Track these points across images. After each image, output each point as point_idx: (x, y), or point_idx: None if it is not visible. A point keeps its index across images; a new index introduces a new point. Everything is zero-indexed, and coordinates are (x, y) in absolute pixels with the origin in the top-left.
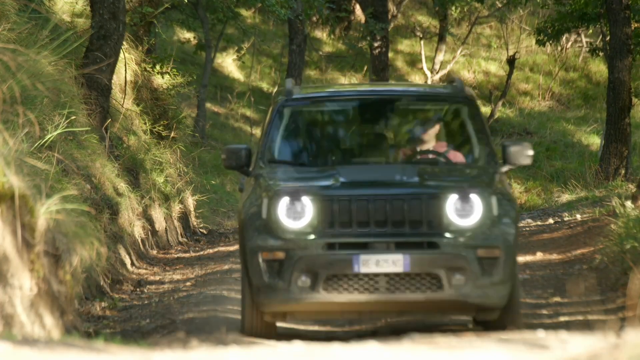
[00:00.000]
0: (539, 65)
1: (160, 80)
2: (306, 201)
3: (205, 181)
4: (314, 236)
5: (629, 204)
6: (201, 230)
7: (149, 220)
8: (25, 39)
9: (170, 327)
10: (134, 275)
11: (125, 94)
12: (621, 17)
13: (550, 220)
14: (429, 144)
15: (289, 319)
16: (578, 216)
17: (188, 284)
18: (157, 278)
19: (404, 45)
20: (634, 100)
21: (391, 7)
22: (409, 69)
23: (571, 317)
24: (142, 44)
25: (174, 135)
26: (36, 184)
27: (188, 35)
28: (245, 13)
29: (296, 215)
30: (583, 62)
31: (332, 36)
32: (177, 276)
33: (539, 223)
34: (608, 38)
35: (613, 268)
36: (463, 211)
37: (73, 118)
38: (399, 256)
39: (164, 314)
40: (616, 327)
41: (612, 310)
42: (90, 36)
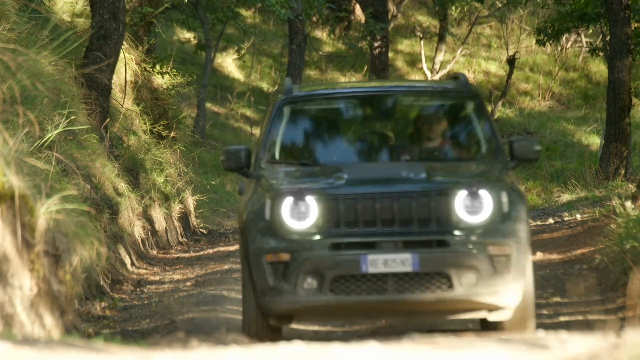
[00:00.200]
0: (539, 65)
1: (160, 80)
2: (310, 201)
3: (205, 181)
4: (319, 236)
5: (629, 204)
6: (201, 230)
7: (149, 220)
8: (25, 39)
9: (170, 327)
10: (134, 275)
11: (125, 94)
12: (621, 17)
13: (550, 220)
14: (433, 140)
15: (295, 322)
16: (578, 216)
17: (188, 284)
18: (157, 278)
19: (404, 45)
20: (634, 100)
21: (391, 7)
22: (409, 69)
23: (571, 317)
24: (142, 44)
25: (174, 135)
26: (36, 184)
27: (188, 35)
28: (245, 13)
29: (300, 216)
30: (583, 62)
31: (332, 36)
32: (177, 276)
33: (539, 223)
34: (608, 38)
35: (613, 268)
36: (472, 208)
37: (73, 118)
38: (407, 255)
39: (164, 314)
40: (616, 327)
41: (612, 310)
42: (90, 36)
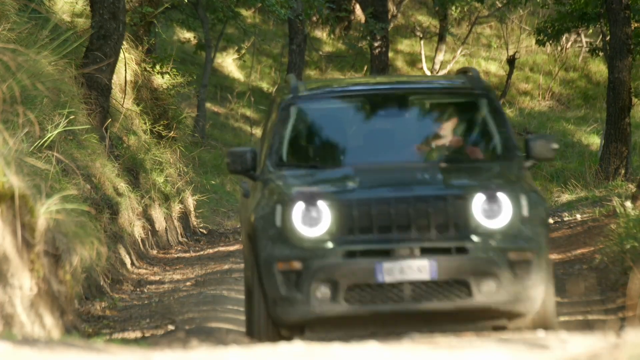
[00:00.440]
0: (539, 65)
1: (160, 80)
2: (322, 206)
3: (205, 181)
4: (332, 244)
5: (629, 204)
6: (201, 230)
7: (149, 220)
8: (25, 39)
9: (170, 327)
10: (134, 275)
11: (125, 94)
12: (621, 17)
13: (550, 220)
14: (447, 140)
15: (308, 333)
16: (578, 216)
17: (188, 284)
18: (157, 278)
19: (404, 45)
20: (634, 100)
21: (391, 7)
22: (409, 69)
23: (571, 317)
24: (142, 44)
25: (174, 135)
26: (36, 184)
27: (188, 35)
28: (245, 13)
29: (312, 222)
30: (583, 62)
31: (332, 36)
32: (177, 276)
33: None
34: (608, 38)
35: (613, 268)
36: (491, 212)
37: (73, 118)
38: (424, 262)
39: (164, 314)
40: (616, 327)
41: (612, 310)
42: (90, 36)
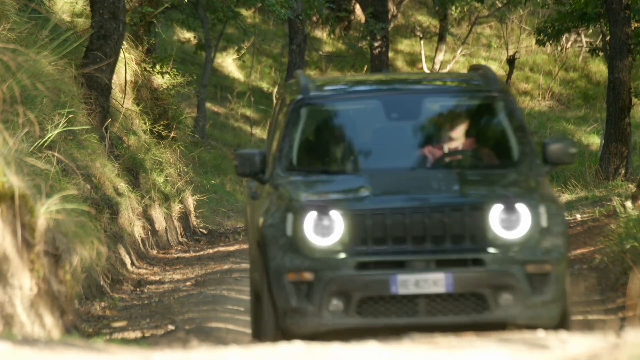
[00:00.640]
0: (539, 65)
1: (160, 80)
2: (335, 216)
3: (205, 181)
4: (345, 255)
5: (629, 204)
6: (201, 230)
7: (149, 220)
8: (25, 38)
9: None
10: (134, 275)
11: (125, 94)
12: (621, 17)
13: None
14: (461, 143)
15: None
16: (578, 216)
17: (188, 283)
18: (157, 278)
19: (404, 45)
20: (634, 100)
21: (391, 7)
22: (409, 69)
23: (571, 317)
24: (142, 44)
25: (174, 135)
26: (36, 183)
27: (188, 35)
28: (245, 13)
29: (324, 232)
30: (583, 62)
31: (332, 36)
32: (177, 276)
33: None
34: (608, 38)
35: (613, 268)
36: (509, 223)
37: (73, 118)
38: (440, 275)
39: (164, 314)
40: (616, 327)
41: (612, 310)
42: (90, 36)
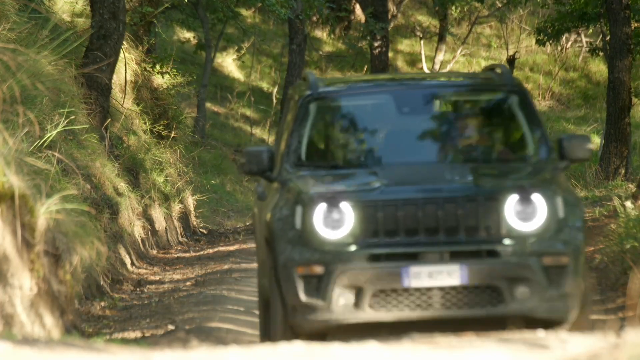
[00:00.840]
0: (539, 65)
1: (160, 80)
2: (345, 207)
3: (205, 181)
4: (355, 247)
5: (629, 203)
6: (201, 230)
7: (149, 220)
8: (25, 38)
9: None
10: (134, 275)
11: (125, 94)
12: (621, 17)
13: None
14: (476, 139)
15: (329, 341)
16: None
17: (188, 283)
18: (157, 278)
19: (404, 45)
20: (634, 100)
21: (391, 7)
22: (409, 69)
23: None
24: (142, 44)
25: (174, 135)
26: (36, 183)
27: (188, 35)
28: (245, 13)
29: (334, 224)
30: (583, 62)
31: (332, 36)
32: (177, 276)
33: None
34: (608, 38)
35: (613, 268)
36: (525, 214)
37: (73, 118)
38: (454, 267)
39: (164, 314)
40: (616, 327)
41: (612, 310)
42: (90, 36)
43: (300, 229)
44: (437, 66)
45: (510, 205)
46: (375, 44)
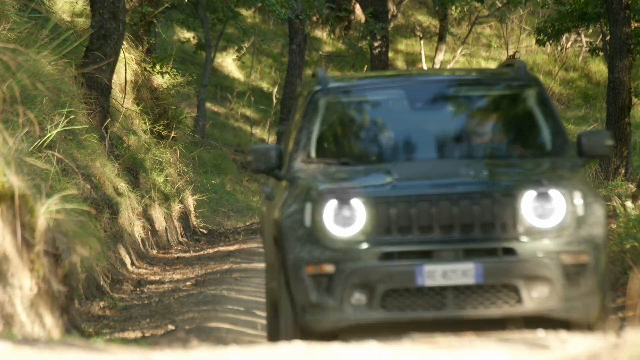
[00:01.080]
0: (539, 65)
1: (160, 80)
2: (357, 204)
3: (205, 181)
4: (367, 245)
5: (629, 203)
6: (201, 230)
7: (149, 220)
8: (25, 38)
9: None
10: (134, 275)
11: (125, 94)
12: (621, 17)
13: None
14: (490, 135)
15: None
16: None
17: (188, 283)
18: (157, 278)
19: (404, 45)
20: (634, 100)
21: (391, 7)
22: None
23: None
24: (142, 44)
25: (174, 135)
26: (36, 183)
27: (188, 35)
28: (245, 13)
29: (346, 221)
30: (583, 62)
31: (332, 36)
32: (177, 276)
33: None
34: (608, 38)
35: (613, 268)
36: (543, 210)
37: (73, 118)
38: (469, 265)
39: (164, 314)
40: (616, 327)
41: (612, 310)
42: (90, 36)
43: (309, 226)
44: (437, 66)
45: (528, 202)
46: (375, 44)
